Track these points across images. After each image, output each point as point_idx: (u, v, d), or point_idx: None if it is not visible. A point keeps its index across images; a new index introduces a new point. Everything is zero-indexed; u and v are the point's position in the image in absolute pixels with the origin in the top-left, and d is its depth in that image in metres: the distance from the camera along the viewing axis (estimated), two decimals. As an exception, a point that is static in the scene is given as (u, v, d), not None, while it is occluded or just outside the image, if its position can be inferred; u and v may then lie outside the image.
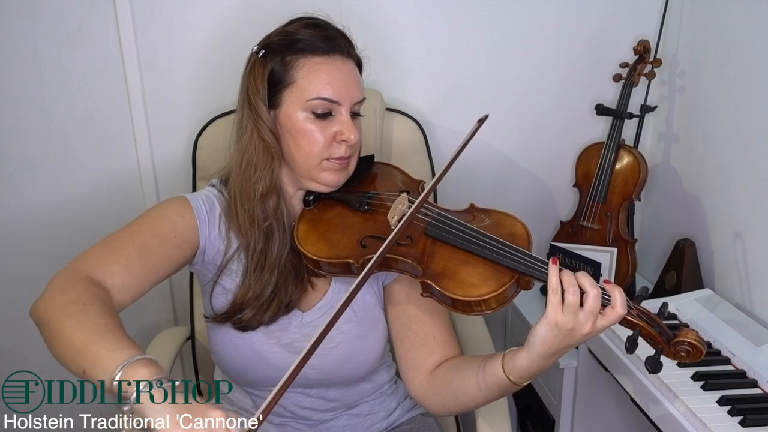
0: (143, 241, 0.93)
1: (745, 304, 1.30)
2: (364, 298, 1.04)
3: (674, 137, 1.54)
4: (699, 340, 0.80)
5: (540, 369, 0.86)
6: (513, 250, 0.88)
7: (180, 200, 1.01)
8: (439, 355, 1.00)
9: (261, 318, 0.99)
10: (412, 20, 1.46)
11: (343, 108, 0.96)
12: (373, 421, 1.12)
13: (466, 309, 0.87)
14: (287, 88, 0.96)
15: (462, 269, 0.88)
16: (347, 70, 0.98)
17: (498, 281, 0.86)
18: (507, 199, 1.64)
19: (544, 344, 0.82)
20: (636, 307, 0.83)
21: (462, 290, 0.86)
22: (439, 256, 0.91)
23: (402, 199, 0.99)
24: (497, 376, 0.88)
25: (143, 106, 1.41)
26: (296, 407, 1.08)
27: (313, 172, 0.98)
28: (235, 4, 1.37)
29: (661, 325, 0.82)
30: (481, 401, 0.95)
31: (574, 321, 0.79)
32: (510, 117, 1.57)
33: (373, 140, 1.34)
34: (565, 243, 1.51)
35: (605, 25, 1.53)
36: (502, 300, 0.86)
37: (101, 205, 1.46)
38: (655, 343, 0.82)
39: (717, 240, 1.40)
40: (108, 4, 1.33)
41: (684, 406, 1.00)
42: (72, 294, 0.82)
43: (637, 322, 0.81)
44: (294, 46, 0.96)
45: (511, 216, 0.97)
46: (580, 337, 0.81)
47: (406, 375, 1.02)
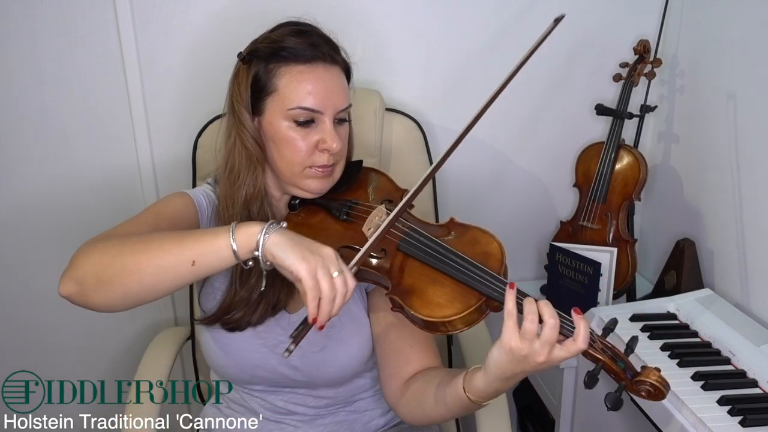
0: (154, 223, 0.93)
1: (745, 304, 1.30)
2: (349, 303, 1.04)
3: (674, 137, 1.54)
4: (661, 380, 0.77)
5: (497, 391, 0.84)
6: (482, 273, 0.86)
7: (182, 194, 1.03)
8: (415, 365, 0.99)
9: (249, 319, 1.00)
10: (412, 21, 1.46)
11: (325, 117, 0.96)
12: (371, 417, 1.12)
13: (432, 328, 0.86)
14: (270, 96, 0.96)
15: (430, 288, 0.87)
16: (330, 78, 0.97)
17: (464, 303, 0.84)
18: (507, 199, 1.64)
19: (499, 368, 0.81)
20: (601, 341, 0.80)
21: (427, 310, 0.85)
22: (408, 272, 0.90)
23: (378, 211, 0.98)
24: (458, 394, 0.87)
25: (143, 106, 1.41)
26: (288, 404, 1.08)
27: (296, 179, 0.99)
28: (235, 4, 1.37)
29: (626, 360, 0.79)
30: (446, 416, 0.94)
31: (529, 348, 0.77)
32: (510, 117, 1.57)
33: (373, 140, 1.34)
34: (565, 243, 1.51)
35: (605, 25, 1.53)
36: (468, 321, 0.85)
37: (101, 206, 1.46)
38: (618, 379, 0.80)
39: (717, 240, 1.40)
40: (108, 4, 1.33)
41: (684, 406, 1.00)
42: (113, 239, 0.83)
43: (600, 357, 0.79)
44: (278, 53, 0.95)
45: (488, 234, 0.94)
46: (535, 365, 0.78)
47: (382, 381, 1.03)
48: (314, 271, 0.76)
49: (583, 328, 0.77)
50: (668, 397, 1.03)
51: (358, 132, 1.28)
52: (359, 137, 1.24)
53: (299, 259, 0.76)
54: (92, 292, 0.81)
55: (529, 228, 1.69)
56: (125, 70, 1.38)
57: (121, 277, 0.80)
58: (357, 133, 1.15)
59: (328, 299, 0.77)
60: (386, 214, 0.98)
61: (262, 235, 0.79)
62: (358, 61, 1.07)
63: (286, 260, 0.77)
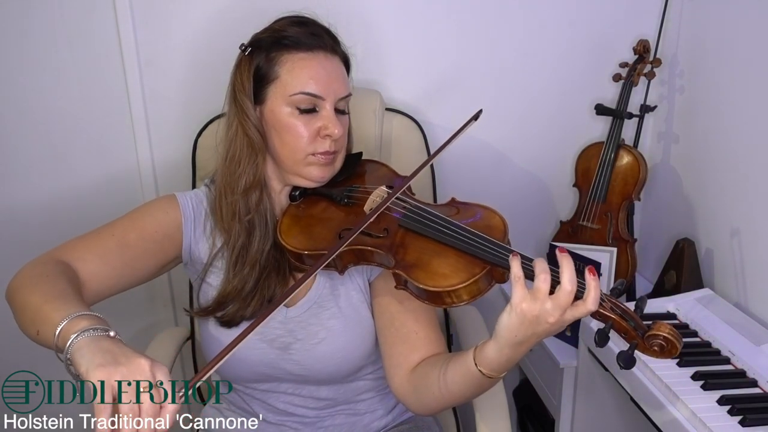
0: (122, 233, 0.97)
1: (744, 304, 1.30)
2: (350, 294, 1.04)
3: (674, 137, 1.54)
4: (673, 333, 0.77)
5: (510, 359, 0.83)
6: (485, 241, 0.86)
7: (167, 198, 1.04)
8: (421, 352, 0.98)
9: (243, 313, 1.00)
10: (412, 20, 1.46)
11: (326, 103, 0.97)
12: (371, 419, 1.12)
13: (437, 301, 0.86)
14: (271, 83, 0.97)
15: (434, 260, 0.88)
16: (331, 66, 0.99)
17: (468, 272, 0.85)
18: (507, 198, 1.64)
19: (510, 332, 0.79)
20: (609, 300, 0.80)
21: (432, 281, 0.85)
22: (412, 248, 0.91)
23: (380, 191, 1.00)
24: (469, 369, 0.86)
25: (143, 106, 1.41)
26: (289, 406, 1.08)
27: (298, 167, 0.99)
28: (234, 4, 1.37)
29: (636, 318, 0.79)
30: (458, 398, 0.92)
31: (540, 309, 0.76)
32: (510, 117, 1.57)
33: (373, 140, 1.34)
34: (565, 243, 1.51)
35: (605, 25, 1.53)
36: (474, 292, 0.85)
37: (101, 206, 1.45)
38: (629, 338, 0.79)
39: (717, 240, 1.40)
40: (108, 4, 1.33)
41: (684, 405, 1.00)
42: (39, 268, 0.87)
43: (610, 315, 0.78)
44: (280, 42, 0.97)
45: (489, 209, 0.97)
46: (547, 326, 0.77)
47: (388, 371, 1.01)
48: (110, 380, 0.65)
49: (593, 290, 0.76)
50: (668, 397, 1.03)
51: (358, 131, 1.28)
52: (359, 137, 1.24)
53: (95, 365, 0.65)
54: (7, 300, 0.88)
55: (529, 228, 1.69)
56: (125, 70, 1.38)
57: (12, 304, 0.87)
58: (357, 132, 1.16)
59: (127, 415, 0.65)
60: (387, 193, 0.99)
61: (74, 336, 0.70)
62: (358, 61, 1.07)
63: (80, 366, 0.66)
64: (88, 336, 0.70)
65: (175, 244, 1.02)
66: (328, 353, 1.02)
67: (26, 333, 0.83)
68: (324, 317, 1.02)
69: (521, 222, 1.68)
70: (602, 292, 0.79)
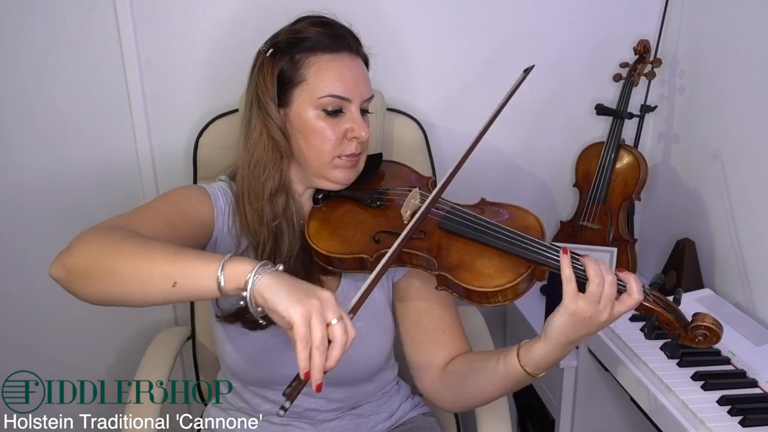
0: (167, 215, 0.91)
1: (745, 304, 1.30)
2: (373, 295, 1.03)
3: (674, 137, 1.54)
4: (716, 323, 0.81)
5: (557, 358, 0.86)
6: (528, 241, 0.88)
7: (198, 188, 1.02)
8: (449, 350, 0.99)
9: None
10: (413, 20, 1.46)
11: (353, 105, 0.97)
12: (376, 422, 1.12)
13: (482, 300, 0.87)
14: (297, 86, 0.96)
15: (478, 261, 0.88)
16: (356, 67, 0.98)
17: (514, 272, 0.86)
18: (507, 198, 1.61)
19: (563, 333, 0.82)
20: (652, 293, 0.84)
21: (479, 281, 0.86)
22: (454, 249, 0.91)
23: (414, 194, 0.99)
24: (514, 369, 0.88)
25: (143, 106, 1.41)
26: (298, 407, 1.08)
27: (324, 169, 0.98)
28: (235, 4, 1.37)
29: (677, 310, 0.83)
30: (496, 395, 0.95)
31: (593, 309, 0.79)
32: (510, 117, 1.56)
33: (374, 140, 1.34)
34: (565, 243, 1.50)
35: (605, 25, 1.53)
36: (518, 291, 0.87)
37: (101, 206, 1.46)
38: (672, 329, 0.83)
39: (717, 240, 1.40)
40: (108, 4, 1.33)
41: (684, 405, 1.00)
42: (116, 234, 0.80)
43: (654, 308, 0.82)
44: (302, 44, 0.96)
45: (522, 209, 0.98)
46: (598, 324, 0.81)
47: (417, 372, 1.02)
48: (308, 316, 0.68)
49: (634, 282, 0.80)
50: (668, 397, 1.03)
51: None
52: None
53: (294, 302, 0.69)
54: (77, 282, 0.79)
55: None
56: (125, 70, 1.38)
57: (105, 277, 0.77)
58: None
59: (320, 350, 0.68)
60: (421, 195, 0.99)
61: (253, 274, 0.72)
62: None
63: (278, 304, 0.70)
64: (267, 274, 0.72)
65: (208, 234, 0.99)
66: (352, 356, 1.01)
67: (131, 296, 0.77)
68: None
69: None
70: (644, 286, 0.83)
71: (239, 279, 0.73)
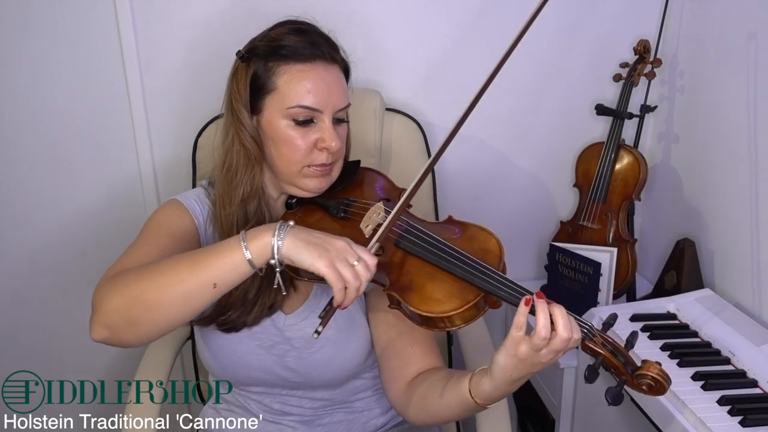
0: (156, 243, 0.94)
1: (745, 304, 1.30)
2: None
3: (674, 137, 1.54)
4: (662, 374, 0.77)
5: (504, 393, 0.85)
6: (481, 269, 0.85)
7: (173, 204, 1.02)
8: (417, 365, 0.99)
9: (245, 319, 1.00)
10: (413, 21, 1.46)
11: (324, 116, 0.96)
12: (369, 417, 1.12)
13: (430, 325, 0.86)
14: (269, 94, 0.96)
15: (428, 284, 0.87)
16: (330, 77, 0.97)
17: (462, 299, 0.84)
18: (507, 199, 1.64)
19: (506, 372, 0.81)
20: (601, 335, 0.80)
21: (425, 306, 0.84)
22: (407, 269, 0.89)
23: (377, 208, 0.98)
24: (464, 399, 0.88)
25: (143, 106, 1.41)
26: (285, 406, 1.08)
27: (294, 178, 0.98)
28: (235, 4, 1.37)
29: (626, 355, 0.79)
30: (451, 418, 0.95)
31: (535, 356, 0.79)
32: (510, 117, 1.57)
33: (373, 140, 1.34)
34: (565, 243, 1.51)
35: (605, 25, 1.53)
36: (466, 317, 0.85)
37: (102, 204, 1.46)
38: (619, 374, 0.79)
39: (717, 240, 1.40)
40: (108, 4, 1.33)
41: (684, 406, 1.00)
42: (128, 277, 0.83)
43: (600, 351, 0.79)
44: (277, 52, 0.95)
45: (486, 231, 0.94)
46: (541, 365, 0.80)
47: (385, 384, 1.02)
48: (333, 265, 0.78)
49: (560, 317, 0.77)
50: (668, 398, 1.03)
51: (358, 132, 1.28)
52: (359, 137, 1.24)
53: (316, 257, 0.78)
54: (124, 333, 0.82)
55: (529, 228, 1.69)
56: (125, 70, 1.38)
57: (148, 314, 0.80)
58: (357, 133, 1.15)
59: (353, 287, 0.79)
60: (384, 211, 0.98)
61: (276, 241, 0.80)
62: (358, 60, 1.07)
63: (304, 262, 0.79)
64: (286, 236, 0.80)
65: (196, 243, 1.00)
66: (323, 361, 1.02)
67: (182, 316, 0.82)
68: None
69: (521, 222, 1.68)
70: (594, 327, 0.81)
71: (266, 250, 0.80)
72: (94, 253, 1.44)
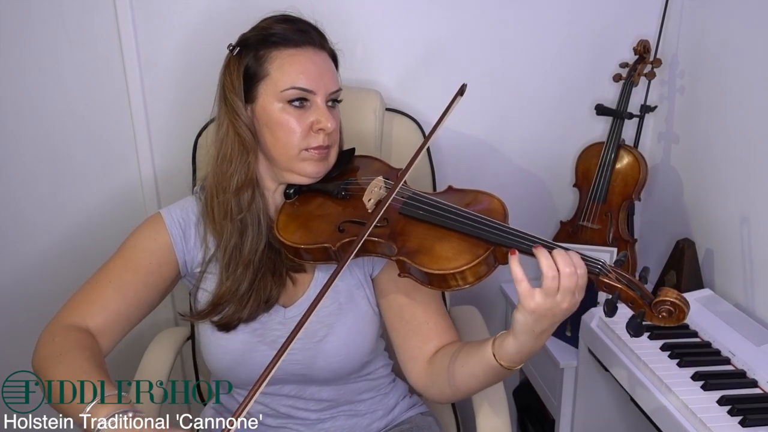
0: (118, 277, 0.97)
1: (745, 304, 1.30)
2: (350, 290, 1.04)
3: (674, 137, 1.54)
4: (680, 298, 0.78)
5: (531, 351, 0.85)
6: (487, 222, 0.88)
7: (153, 221, 1.03)
8: (435, 341, 0.99)
9: (240, 315, 1.00)
10: (413, 21, 1.46)
11: (318, 97, 0.97)
12: (371, 420, 1.12)
13: (442, 284, 0.87)
14: (262, 81, 0.97)
15: (437, 244, 0.88)
16: (320, 61, 0.98)
17: (473, 253, 0.86)
18: (507, 199, 1.61)
19: (528, 328, 0.82)
20: (615, 271, 0.82)
21: (437, 264, 0.86)
22: (414, 234, 0.91)
23: (377, 181, 0.99)
24: (489, 363, 0.88)
25: (143, 106, 1.41)
26: (291, 409, 1.08)
27: (292, 163, 0.99)
28: (234, 5, 1.37)
29: (642, 287, 0.80)
30: (476, 387, 0.95)
31: (551, 302, 0.79)
32: (510, 117, 1.57)
33: (373, 140, 1.34)
34: (565, 243, 1.51)
35: (605, 25, 1.53)
36: (478, 273, 0.86)
37: (102, 205, 1.46)
38: (636, 307, 0.80)
39: (717, 240, 1.40)
40: (108, 4, 1.33)
41: (684, 405, 1.00)
42: (50, 347, 0.90)
43: (617, 285, 0.80)
44: (268, 39, 0.97)
45: (487, 193, 0.98)
46: (563, 311, 0.80)
47: (405, 366, 1.02)
48: None
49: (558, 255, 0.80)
50: (667, 397, 1.03)
51: (358, 132, 1.29)
52: (359, 137, 1.24)
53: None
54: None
55: (529, 228, 1.67)
56: (125, 70, 1.38)
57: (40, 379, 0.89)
58: (357, 133, 1.16)
59: None
60: (384, 183, 0.99)
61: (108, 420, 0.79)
62: (358, 60, 1.07)
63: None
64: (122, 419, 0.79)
65: (171, 266, 1.02)
66: (329, 350, 1.02)
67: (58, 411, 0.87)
68: (323, 314, 1.02)
69: (521, 222, 1.65)
70: (607, 264, 0.82)
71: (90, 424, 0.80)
72: (94, 251, 1.44)
